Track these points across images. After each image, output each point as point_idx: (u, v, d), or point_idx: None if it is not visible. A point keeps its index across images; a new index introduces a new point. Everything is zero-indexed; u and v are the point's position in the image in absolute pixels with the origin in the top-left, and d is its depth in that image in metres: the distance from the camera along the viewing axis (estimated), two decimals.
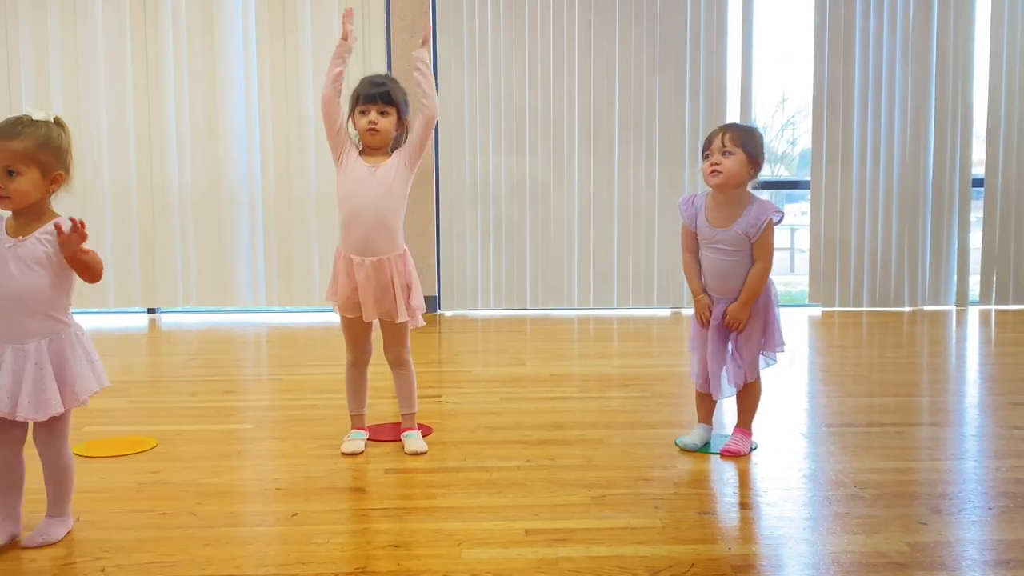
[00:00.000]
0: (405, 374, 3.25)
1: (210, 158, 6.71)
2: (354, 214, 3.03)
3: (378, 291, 3.05)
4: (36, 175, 2.22)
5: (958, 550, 2.26)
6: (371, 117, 3.03)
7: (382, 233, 3.04)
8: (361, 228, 3.02)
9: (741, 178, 2.98)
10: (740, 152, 2.95)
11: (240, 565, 2.17)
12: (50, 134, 2.25)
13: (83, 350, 2.33)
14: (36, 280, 2.24)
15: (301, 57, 6.65)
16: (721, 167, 2.96)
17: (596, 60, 6.80)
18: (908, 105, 6.85)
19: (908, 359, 4.99)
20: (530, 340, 5.75)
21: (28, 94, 6.60)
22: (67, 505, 2.38)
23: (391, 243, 3.06)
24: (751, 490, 2.73)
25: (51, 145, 2.25)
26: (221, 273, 6.79)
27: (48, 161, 2.24)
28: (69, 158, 2.30)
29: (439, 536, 2.35)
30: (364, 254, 3.03)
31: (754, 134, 3.02)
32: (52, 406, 2.23)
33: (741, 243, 3.00)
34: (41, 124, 2.25)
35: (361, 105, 3.06)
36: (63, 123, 2.32)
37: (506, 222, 6.90)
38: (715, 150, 2.98)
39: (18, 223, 2.27)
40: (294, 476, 2.88)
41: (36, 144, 2.21)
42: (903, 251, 6.94)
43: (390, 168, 3.06)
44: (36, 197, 2.24)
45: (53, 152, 2.25)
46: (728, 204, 3.02)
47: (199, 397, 4.06)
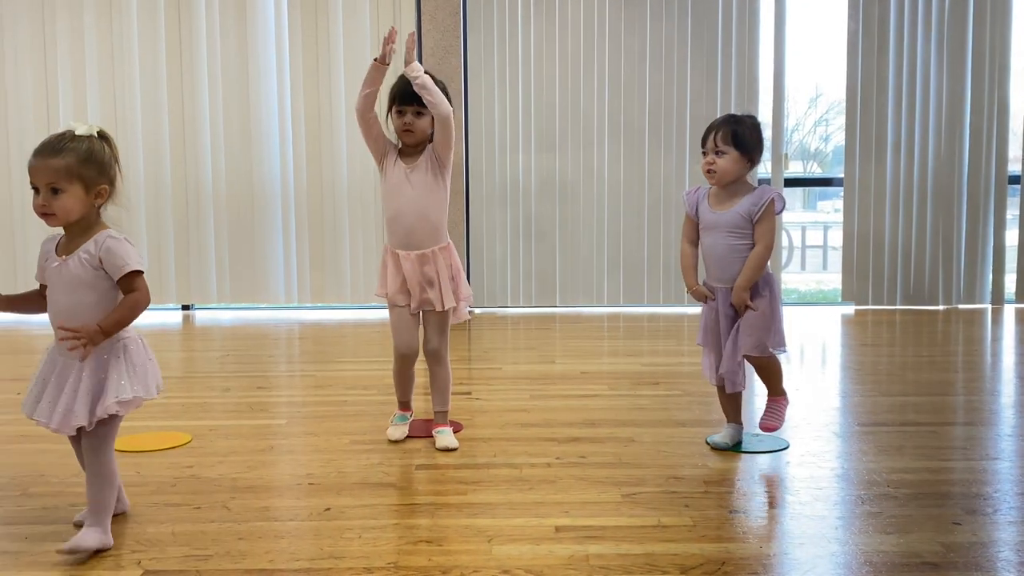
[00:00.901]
0: (441, 371, 3.30)
1: (243, 156, 6.78)
2: (397, 213, 3.16)
3: (424, 282, 3.17)
4: (79, 191, 2.23)
5: (993, 551, 2.24)
6: (407, 119, 3.12)
7: (425, 229, 3.15)
8: (404, 226, 3.15)
9: (736, 174, 3.04)
10: (732, 150, 3.00)
11: (273, 559, 2.19)
12: (92, 148, 2.26)
13: (129, 361, 2.29)
14: (82, 298, 2.25)
15: (334, 55, 6.69)
16: (715, 167, 3.03)
17: (626, 56, 6.78)
18: (943, 100, 6.77)
19: (942, 358, 4.93)
20: (560, 337, 5.75)
21: (64, 95, 6.70)
22: (104, 518, 2.29)
23: (434, 237, 3.18)
24: (782, 489, 2.72)
25: (93, 159, 2.25)
26: (254, 270, 6.86)
27: (91, 175, 2.24)
28: (114, 170, 2.30)
29: (470, 532, 2.36)
30: (409, 248, 3.16)
31: (746, 128, 3.03)
32: (77, 419, 2.22)
33: (742, 225, 3.02)
34: (83, 139, 2.26)
35: (398, 105, 3.14)
36: (107, 135, 2.32)
37: (536, 219, 6.90)
38: (709, 149, 3.04)
39: (69, 238, 2.30)
40: (326, 471, 2.90)
41: (78, 160, 2.22)
42: (937, 248, 6.86)
43: (426, 167, 3.15)
44: (82, 212, 2.25)
45: (96, 166, 2.25)
46: (728, 193, 3.07)
47: (233, 393, 4.10)
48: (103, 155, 2.27)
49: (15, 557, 2.23)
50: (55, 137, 2.26)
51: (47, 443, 3.27)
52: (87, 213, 2.27)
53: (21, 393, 4.06)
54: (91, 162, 2.24)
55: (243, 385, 4.28)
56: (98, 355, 2.25)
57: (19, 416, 3.65)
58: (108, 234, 2.26)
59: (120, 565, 2.17)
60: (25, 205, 6.74)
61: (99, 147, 2.27)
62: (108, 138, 2.32)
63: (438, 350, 3.27)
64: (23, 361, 5.12)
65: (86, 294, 2.24)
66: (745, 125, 3.04)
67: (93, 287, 2.24)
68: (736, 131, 3.01)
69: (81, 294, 2.24)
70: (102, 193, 2.27)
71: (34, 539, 2.34)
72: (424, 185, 3.15)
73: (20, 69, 6.72)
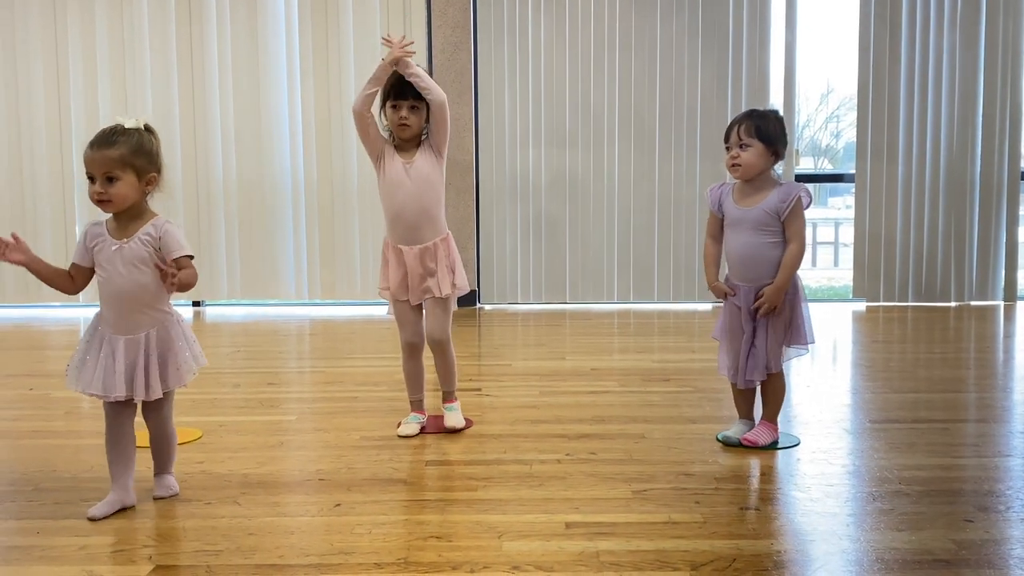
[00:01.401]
0: (446, 359, 3.39)
1: (253, 154, 6.79)
2: (400, 210, 3.20)
3: (425, 274, 3.23)
4: (132, 178, 2.43)
5: (1005, 548, 2.23)
6: (402, 113, 3.16)
7: (426, 223, 3.22)
8: (406, 222, 3.20)
9: (761, 167, 3.01)
10: (757, 143, 2.97)
11: (284, 555, 2.20)
12: (142, 140, 2.46)
13: (183, 335, 2.56)
14: (141, 278, 2.46)
15: (344, 51, 6.69)
16: (740, 160, 2.99)
17: (637, 52, 6.76)
18: (955, 95, 6.73)
19: (954, 355, 4.91)
20: (570, 334, 5.75)
21: (76, 91, 6.73)
22: (172, 465, 2.67)
23: (434, 230, 3.25)
24: (793, 486, 2.71)
25: (143, 149, 2.45)
26: (265, 266, 6.88)
27: (142, 164, 2.44)
28: (159, 160, 2.50)
29: (480, 528, 2.36)
30: (411, 243, 3.22)
31: (770, 121, 3.01)
32: (156, 390, 2.49)
33: (769, 222, 3.00)
34: (133, 131, 2.46)
35: (393, 100, 3.17)
36: (152, 129, 2.52)
37: (546, 216, 6.90)
38: (733, 143, 3.01)
39: (119, 224, 2.49)
40: (336, 467, 2.91)
41: (130, 150, 2.42)
42: (949, 245, 6.83)
43: (423, 162, 3.20)
44: (135, 199, 2.46)
45: (145, 156, 2.45)
46: (755, 186, 3.04)
47: (243, 389, 4.11)
48: (152, 146, 2.48)
49: (27, 552, 2.24)
50: (108, 130, 2.45)
51: (60, 438, 3.29)
52: (139, 200, 2.47)
53: (34, 389, 4.10)
54: (142, 152, 2.45)
55: (253, 381, 4.29)
56: (162, 332, 2.50)
57: (32, 411, 3.69)
58: (165, 220, 2.50)
59: (131, 560, 2.17)
60: (36, 198, 6.80)
61: (148, 139, 2.48)
62: (153, 131, 2.52)
63: (442, 339, 3.34)
64: (35, 357, 5.14)
65: (144, 272, 2.46)
66: (769, 119, 3.03)
67: (149, 266, 2.46)
68: (760, 124, 2.99)
69: (140, 272, 2.46)
70: (152, 181, 2.48)
71: (46, 533, 2.35)
72: (423, 180, 3.19)
73: (31, 67, 6.75)
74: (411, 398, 3.40)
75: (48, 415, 3.66)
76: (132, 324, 2.47)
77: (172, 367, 2.52)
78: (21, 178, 6.83)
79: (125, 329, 2.47)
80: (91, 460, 3.00)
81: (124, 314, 2.47)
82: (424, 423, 3.37)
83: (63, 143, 6.81)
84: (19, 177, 6.83)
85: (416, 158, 3.19)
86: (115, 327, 2.48)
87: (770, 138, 2.99)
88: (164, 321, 2.52)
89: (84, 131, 6.77)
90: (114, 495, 2.51)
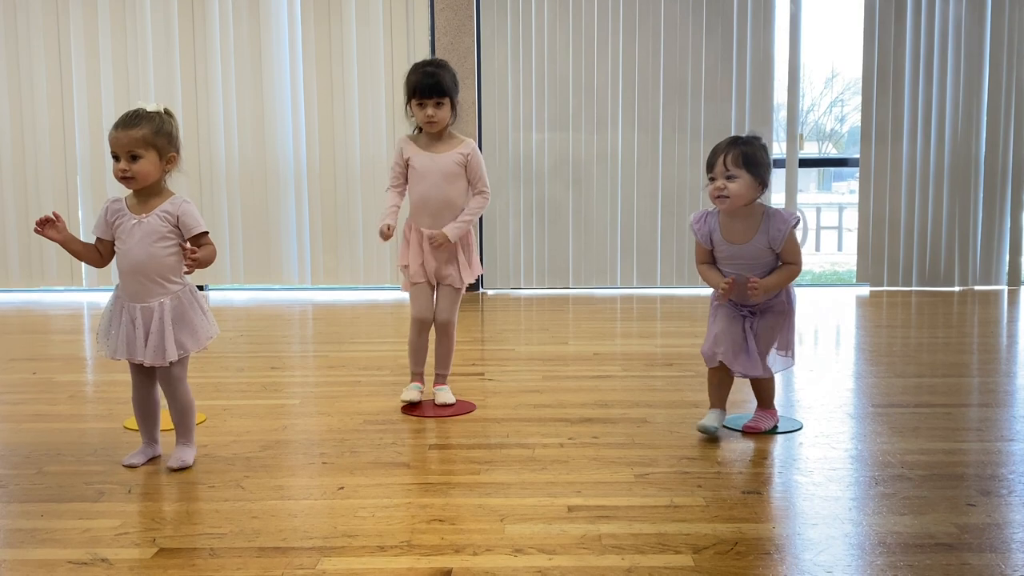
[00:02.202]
0: (447, 341, 3.50)
1: (257, 138, 6.79)
2: (425, 197, 3.36)
3: (442, 260, 3.39)
4: (154, 157, 2.63)
5: (1007, 532, 2.23)
6: (428, 111, 3.29)
7: (448, 211, 3.37)
8: (430, 209, 3.36)
9: (749, 199, 2.89)
10: (744, 174, 2.85)
11: (287, 538, 2.20)
12: (162, 122, 2.65)
13: (198, 304, 2.73)
14: (158, 251, 2.65)
15: (346, 34, 6.67)
16: (727, 191, 2.86)
17: (640, 35, 6.74)
18: (960, 79, 6.70)
19: (957, 339, 4.91)
20: (572, 319, 5.75)
21: (78, 68, 6.72)
22: (191, 434, 2.81)
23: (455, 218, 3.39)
24: (796, 470, 2.71)
25: (164, 131, 2.64)
26: (268, 251, 6.88)
27: (163, 144, 2.64)
28: (178, 142, 2.69)
29: (482, 511, 2.37)
30: (434, 228, 3.36)
31: (757, 152, 2.88)
32: (169, 354, 2.65)
33: (764, 255, 2.94)
34: (154, 114, 2.65)
35: (419, 98, 3.30)
36: (171, 112, 2.71)
37: (549, 200, 6.89)
38: (719, 173, 2.88)
39: (139, 201, 2.68)
40: (340, 451, 2.91)
41: (152, 131, 2.62)
42: (953, 229, 6.81)
43: (450, 160, 3.36)
44: (155, 177, 2.65)
45: (166, 137, 2.64)
46: (742, 220, 2.94)
47: (246, 373, 4.12)
48: (171, 128, 2.67)
49: (31, 534, 2.24)
50: (131, 113, 2.65)
51: (64, 422, 3.30)
52: (159, 178, 2.67)
53: (37, 373, 4.11)
54: (162, 133, 2.64)
55: (256, 365, 4.30)
56: (175, 301, 2.67)
57: (35, 395, 3.70)
58: (183, 199, 2.69)
59: (135, 543, 2.18)
60: (40, 193, 6.81)
61: (167, 121, 2.67)
62: (172, 115, 2.71)
63: (448, 322, 3.47)
64: (38, 341, 5.15)
65: (161, 245, 2.64)
66: (755, 146, 2.89)
67: (166, 239, 2.65)
68: (746, 152, 2.86)
69: (158, 245, 2.64)
70: (172, 160, 2.67)
71: (50, 516, 2.36)
72: (449, 172, 3.35)
73: (33, 48, 6.74)
74: (413, 370, 3.51)
75: (51, 399, 3.66)
76: (147, 293, 2.65)
77: (188, 331, 2.69)
78: (23, 171, 6.83)
79: (141, 298, 2.65)
80: (94, 443, 3.01)
81: (140, 285, 2.64)
82: (423, 390, 3.49)
83: (65, 126, 6.80)
84: (21, 170, 6.82)
85: (444, 152, 3.36)
86: (132, 296, 2.66)
87: (758, 168, 2.87)
88: (178, 292, 2.68)
89: (87, 115, 6.78)
90: (145, 447, 2.82)
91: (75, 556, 2.10)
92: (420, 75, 3.28)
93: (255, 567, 2.04)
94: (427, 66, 3.33)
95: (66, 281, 6.97)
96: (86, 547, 2.16)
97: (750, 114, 6.76)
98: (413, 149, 3.37)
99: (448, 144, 3.38)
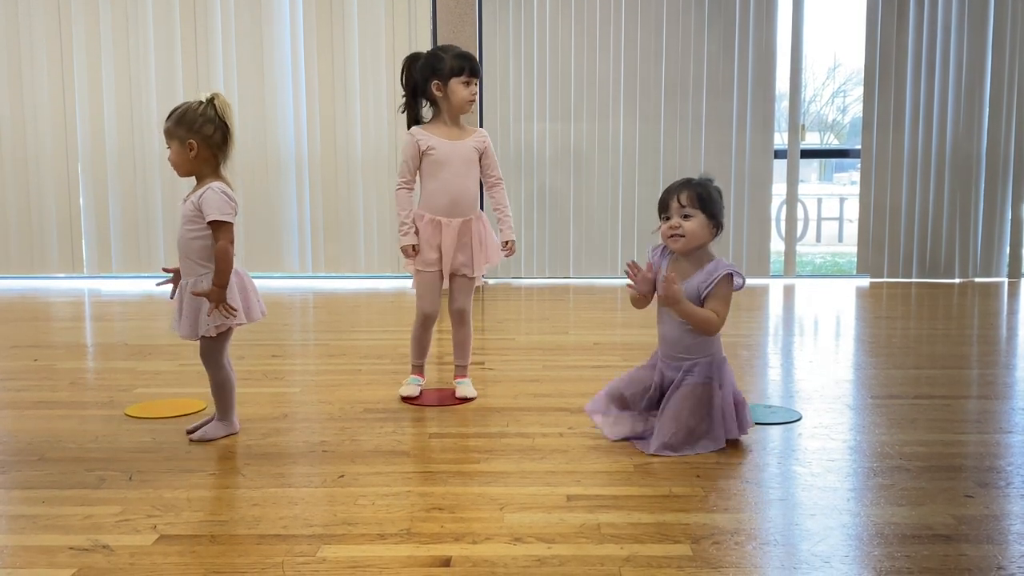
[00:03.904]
0: (465, 329, 3.47)
1: (258, 127, 6.78)
2: (445, 185, 3.31)
3: (460, 248, 3.34)
4: (177, 146, 2.78)
5: (1005, 524, 2.24)
6: (472, 89, 3.30)
7: (467, 199, 3.34)
8: (449, 195, 3.31)
9: (703, 239, 2.83)
10: (700, 214, 2.80)
11: (287, 525, 2.21)
12: (186, 111, 2.77)
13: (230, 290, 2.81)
14: (186, 234, 2.80)
15: (348, 22, 6.66)
16: (682, 231, 2.80)
17: (643, 25, 6.72)
18: (962, 71, 6.69)
19: (957, 331, 4.91)
20: (573, 309, 5.75)
21: (79, 61, 6.71)
22: (229, 413, 2.94)
23: (474, 206, 3.38)
24: (794, 460, 2.72)
25: (185, 119, 2.76)
26: (269, 240, 6.88)
27: (182, 134, 2.76)
28: (207, 128, 2.76)
29: (482, 500, 2.38)
30: (452, 216, 3.32)
31: (712, 192, 2.83)
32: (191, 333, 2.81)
33: (693, 299, 2.81)
34: (187, 103, 2.80)
35: (466, 76, 3.28)
36: (214, 100, 2.80)
37: (550, 190, 6.89)
38: (674, 212, 2.82)
39: (192, 187, 2.84)
40: (340, 439, 2.92)
41: (174, 123, 2.77)
42: (954, 221, 6.81)
43: (470, 147, 3.34)
44: (185, 164, 2.79)
45: (185, 125, 2.76)
46: (688, 263, 2.86)
47: (247, 361, 4.13)
48: (194, 117, 2.76)
49: (33, 521, 2.25)
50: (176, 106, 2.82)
51: (65, 409, 3.31)
52: (195, 166, 2.80)
53: (38, 360, 4.12)
54: (183, 123, 2.76)
55: (257, 353, 4.30)
56: (198, 281, 2.79)
57: (36, 382, 3.71)
58: (210, 186, 2.77)
59: (136, 529, 2.19)
60: (43, 194, 6.83)
61: (193, 109, 2.77)
62: (210, 101, 2.79)
63: (464, 311, 3.45)
64: (40, 328, 5.16)
65: (190, 228, 2.79)
66: (709, 188, 2.83)
67: (193, 223, 2.78)
68: (701, 193, 2.80)
69: (187, 228, 2.80)
70: (191, 146, 2.76)
71: (52, 503, 2.37)
72: (469, 159, 3.34)
73: (35, 30, 6.72)
74: (414, 362, 3.50)
75: (53, 386, 3.67)
76: (188, 271, 2.82)
77: (202, 315, 2.78)
78: (26, 170, 6.83)
79: (186, 275, 2.83)
80: (95, 430, 3.02)
81: (184, 263, 2.83)
82: (422, 386, 3.47)
83: (67, 112, 6.80)
84: (23, 145, 6.82)
85: (462, 139, 3.33)
86: (182, 273, 2.84)
87: (713, 209, 2.80)
88: (204, 276, 2.79)
89: (87, 101, 6.77)
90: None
91: (76, 542, 2.11)
92: (464, 57, 3.26)
93: (255, 554, 2.05)
94: (463, 51, 3.31)
95: (67, 268, 6.97)
96: (87, 533, 2.17)
97: (751, 104, 6.75)
98: (430, 138, 3.30)
99: (464, 132, 3.35)
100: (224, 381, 2.91)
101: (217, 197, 2.75)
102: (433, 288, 3.37)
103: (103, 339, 4.82)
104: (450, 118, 3.32)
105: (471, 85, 3.27)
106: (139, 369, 3.94)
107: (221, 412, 2.94)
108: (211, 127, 2.77)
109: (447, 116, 3.32)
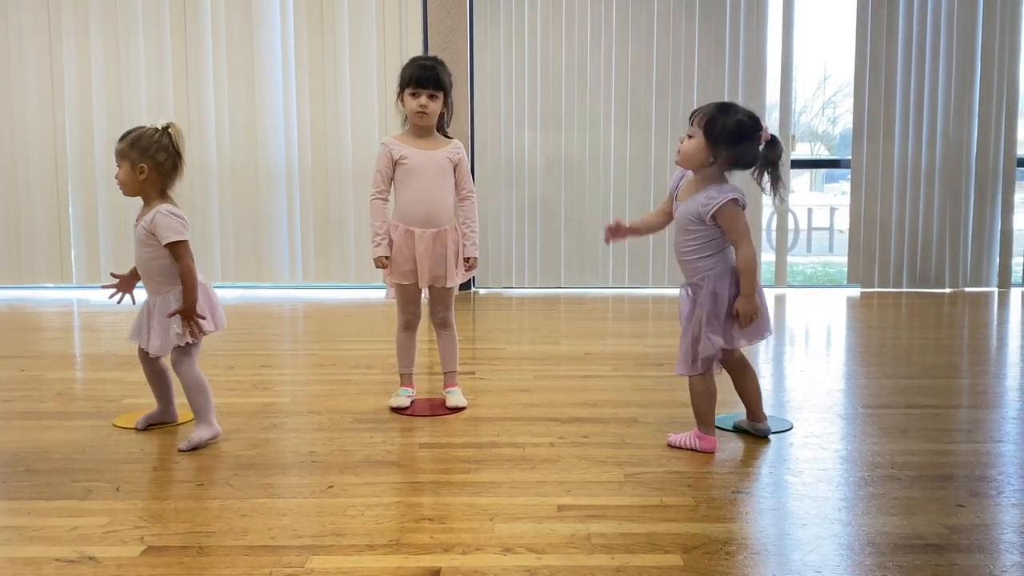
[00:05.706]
0: (449, 335, 3.50)
1: (248, 137, 6.77)
2: (418, 195, 3.28)
3: (435, 259, 3.31)
4: (127, 167, 2.86)
5: (996, 533, 2.23)
6: (421, 101, 3.26)
7: (441, 209, 3.31)
8: (424, 205, 3.28)
9: (697, 161, 2.83)
10: (700, 136, 2.81)
11: (276, 536, 2.20)
12: (142, 135, 2.86)
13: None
14: (144, 256, 2.91)
15: (339, 33, 6.66)
16: (680, 147, 2.88)
17: (633, 36, 6.74)
18: (952, 82, 6.73)
19: (948, 341, 4.92)
20: (564, 319, 5.75)
21: (69, 67, 6.69)
22: (207, 414, 2.97)
23: (447, 216, 3.34)
24: (786, 470, 2.71)
25: (140, 143, 2.85)
26: (259, 249, 6.86)
27: (134, 156, 2.85)
28: (160, 155, 2.85)
29: (472, 510, 2.36)
30: (426, 227, 3.29)
31: (727, 120, 2.78)
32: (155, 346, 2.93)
33: (690, 222, 2.84)
34: (142, 128, 2.88)
35: (413, 88, 3.25)
36: (168, 128, 2.89)
37: (541, 199, 6.89)
38: (688, 129, 2.89)
39: (143, 210, 2.92)
40: (329, 449, 2.90)
41: (128, 144, 2.86)
42: (944, 231, 6.83)
43: (443, 157, 3.32)
44: (134, 186, 2.88)
45: (139, 149, 2.85)
46: (696, 183, 2.90)
47: (236, 371, 4.11)
48: (147, 142, 2.85)
49: (19, 532, 2.23)
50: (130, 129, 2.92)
51: (52, 419, 3.28)
52: (142, 188, 2.88)
53: (26, 370, 4.09)
54: (136, 146, 2.85)
55: (246, 363, 4.28)
56: (165, 299, 2.91)
57: (24, 392, 3.68)
58: (158, 210, 2.86)
59: (123, 540, 2.17)
60: (32, 203, 6.81)
61: (147, 135, 2.86)
62: (164, 129, 2.88)
63: (445, 318, 3.46)
64: (27, 338, 5.13)
65: (146, 250, 2.90)
66: (730, 116, 2.79)
67: (149, 246, 2.89)
68: (714, 117, 2.79)
69: (144, 250, 2.90)
70: (143, 170, 2.85)
71: (38, 514, 2.34)
72: (442, 168, 3.31)
73: (24, 38, 6.70)
74: (402, 371, 3.49)
75: (40, 396, 3.65)
76: (152, 290, 2.94)
77: (172, 330, 2.90)
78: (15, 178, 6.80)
79: (151, 294, 2.96)
80: (82, 441, 2.99)
81: (146, 283, 2.96)
82: (413, 396, 3.46)
83: (56, 121, 6.77)
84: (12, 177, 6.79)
85: (435, 149, 3.31)
86: (148, 292, 2.97)
87: (716, 135, 2.78)
88: (168, 294, 2.91)
89: (76, 110, 6.74)
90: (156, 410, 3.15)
91: (62, 554, 2.09)
92: (417, 67, 3.25)
93: (243, 565, 2.03)
94: (425, 60, 3.32)
95: (56, 278, 6.94)
96: (74, 545, 2.14)
97: None
98: (403, 148, 3.28)
99: (436, 143, 3.33)
100: (199, 384, 2.97)
101: (167, 220, 2.85)
102: (412, 299, 3.39)
103: (91, 349, 4.79)
104: (412, 128, 3.32)
105: (419, 96, 3.22)
106: (127, 380, 3.91)
107: (201, 415, 2.96)
108: (164, 154, 2.86)
109: (412, 126, 3.32)
